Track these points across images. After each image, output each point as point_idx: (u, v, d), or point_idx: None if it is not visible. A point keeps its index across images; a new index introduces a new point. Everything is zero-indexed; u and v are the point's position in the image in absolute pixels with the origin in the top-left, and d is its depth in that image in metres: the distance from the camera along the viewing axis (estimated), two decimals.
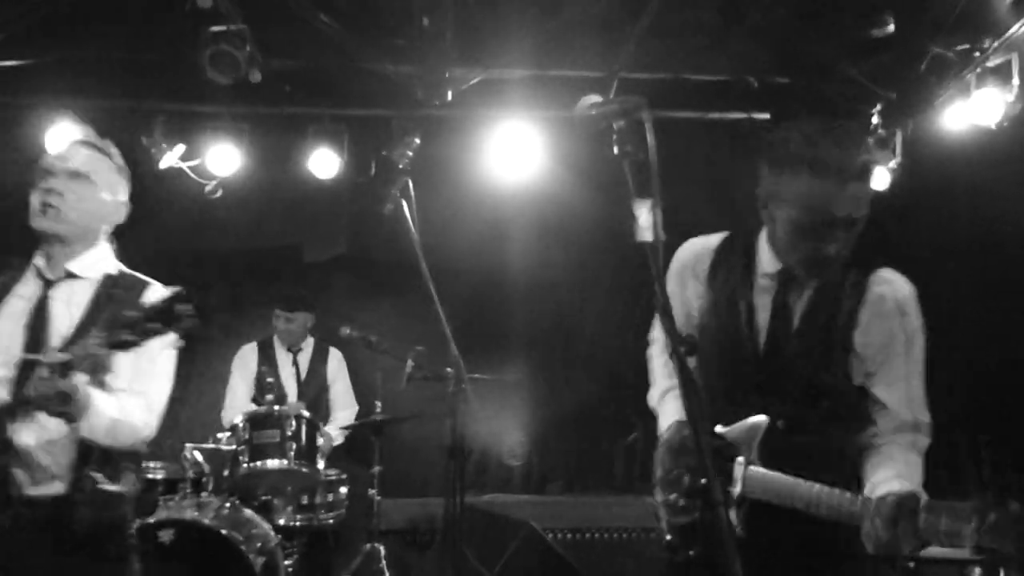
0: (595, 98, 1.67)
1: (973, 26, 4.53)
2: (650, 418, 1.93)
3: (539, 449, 5.82)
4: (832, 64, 4.98)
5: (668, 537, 1.28)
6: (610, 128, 1.60)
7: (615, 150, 1.55)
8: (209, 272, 5.58)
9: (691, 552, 1.24)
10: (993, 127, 4.54)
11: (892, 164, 5.13)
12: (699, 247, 2.13)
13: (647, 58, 5.01)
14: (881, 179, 5.18)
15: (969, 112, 4.63)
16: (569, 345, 5.65)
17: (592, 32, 4.86)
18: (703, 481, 1.24)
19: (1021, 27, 4.31)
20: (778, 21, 4.87)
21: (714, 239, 2.13)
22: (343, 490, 4.24)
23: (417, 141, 5.11)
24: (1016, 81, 4.46)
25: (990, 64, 4.53)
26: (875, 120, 5.13)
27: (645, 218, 1.44)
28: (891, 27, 4.61)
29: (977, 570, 3.40)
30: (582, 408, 5.68)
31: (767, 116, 5.50)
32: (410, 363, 3.94)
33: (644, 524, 5.21)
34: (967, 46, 4.53)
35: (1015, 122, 4.50)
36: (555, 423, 5.76)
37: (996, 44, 4.43)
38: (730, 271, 2.03)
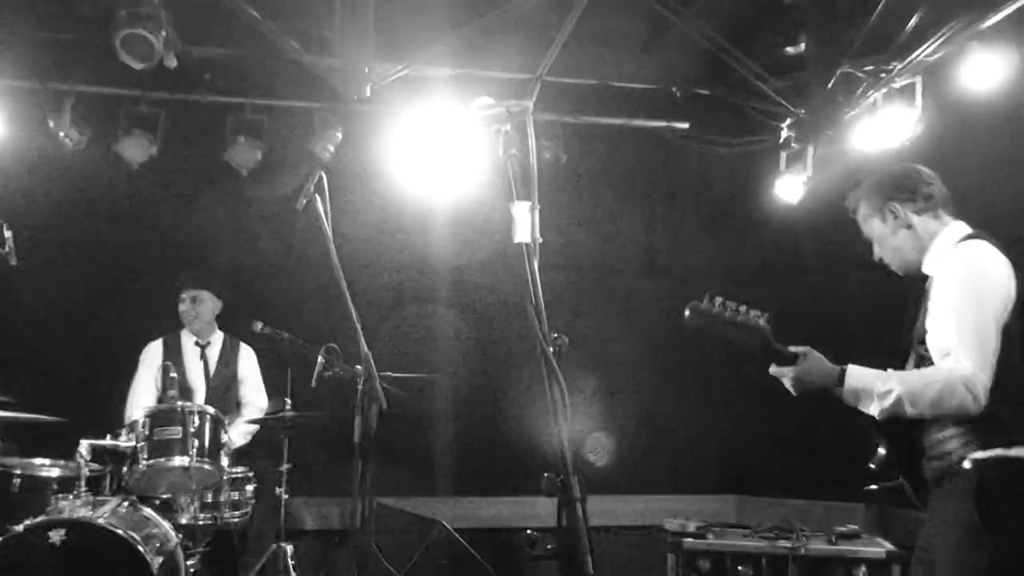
0: (487, 100, 1.69)
1: (881, 47, 4.73)
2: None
3: (455, 449, 5.82)
4: (751, 79, 5.13)
5: (528, 531, 1.31)
6: (499, 131, 1.62)
7: (500, 152, 1.57)
8: (120, 262, 5.41)
9: (548, 546, 1.27)
10: (896, 146, 4.73)
11: (803, 178, 5.30)
12: None
13: (572, 63, 5.08)
14: (794, 192, 5.35)
15: (875, 130, 4.82)
16: (488, 344, 5.66)
17: (518, 34, 4.90)
18: (561, 478, 1.26)
19: (925, 50, 4.51)
20: (702, 35, 5.00)
21: None
22: (249, 488, 4.16)
23: (339, 135, 5.08)
24: (919, 102, 4.67)
25: (896, 85, 4.73)
26: (786, 134, 5.29)
27: (523, 219, 1.46)
28: (803, 45, 4.78)
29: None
30: (499, 408, 5.70)
31: (686, 126, 5.63)
32: (321, 360, 3.89)
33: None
34: (874, 67, 4.72)
35: (918, 142, 4.70)
36: (471, 423, 5.77)
37: (901, 66, 4.63)
38: None
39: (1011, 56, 4.18)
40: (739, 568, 3.71)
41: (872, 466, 2.50)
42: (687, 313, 2.34)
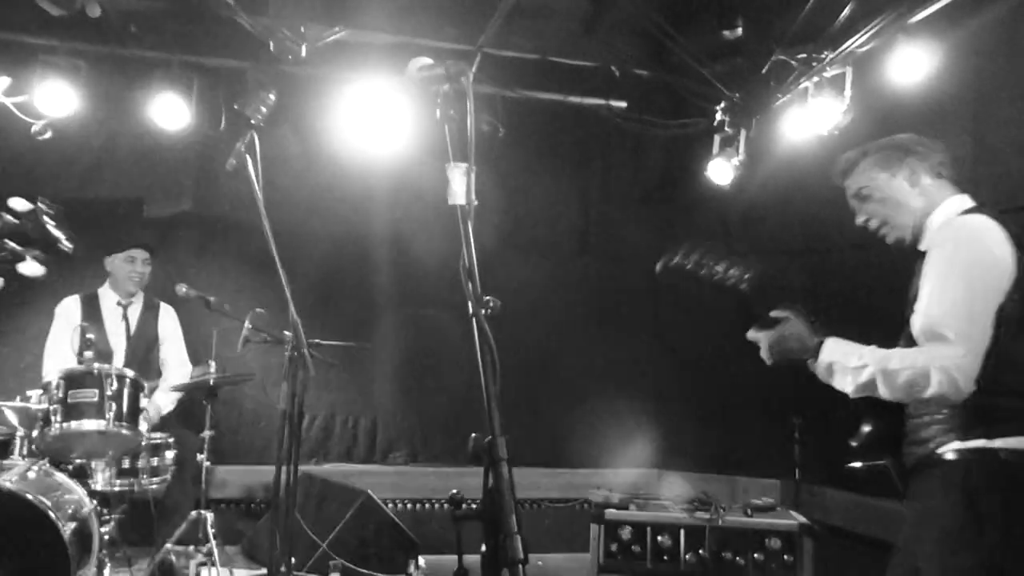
0: (425, 61, 1.66)
1: (814, 38, 4.84)
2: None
3: (383, 419, 5.80)
4: (688, 62, 5.18)
5: (454, 491, 1.31)
6: (437, 91, 1.59)
7: (438, 113, 1.55)
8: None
9: (473, 506, 1.27)
10: (825, 134, 4.86)
11: (735, 162, 5.40)
12: None
13: (512, 36, 5.04)
14: (725, 175, 5.45)
15: (805, 118, 4.94)
16: (419, 313, 5.64)
17: (459, 4, 4.84)
18: (488, 439, 1.27)
19: (856, 41, 4.63)
20: (643, 15, 5.02)
21: None
22: (169, 455, 4.05)
23: (272, 97, 4.93)
24: (848, 92, 4.80)
25: (827, 74, 4.85)
26: (720, 118, 5.38)
27: (459, 181, 1.45)
28: (740, 31, 4.85)
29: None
30: (429, 378, 5.70)
31: (624, 105, 5.67)
32: (248, 325, 3.82)
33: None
34: (806, 55, 4.82)
35: (845, 132, 4.84)
36: (401, 393, 5.75)
37: (832, 56, 4.75)
38: None
39: (935, 51, 4.33)
40: (659, 538, 3.81)
41: (854, 444, 2.36)
42: (658, 268, 2.23)
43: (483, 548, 1.23)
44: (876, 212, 2.44)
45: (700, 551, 3.77)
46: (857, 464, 2.44)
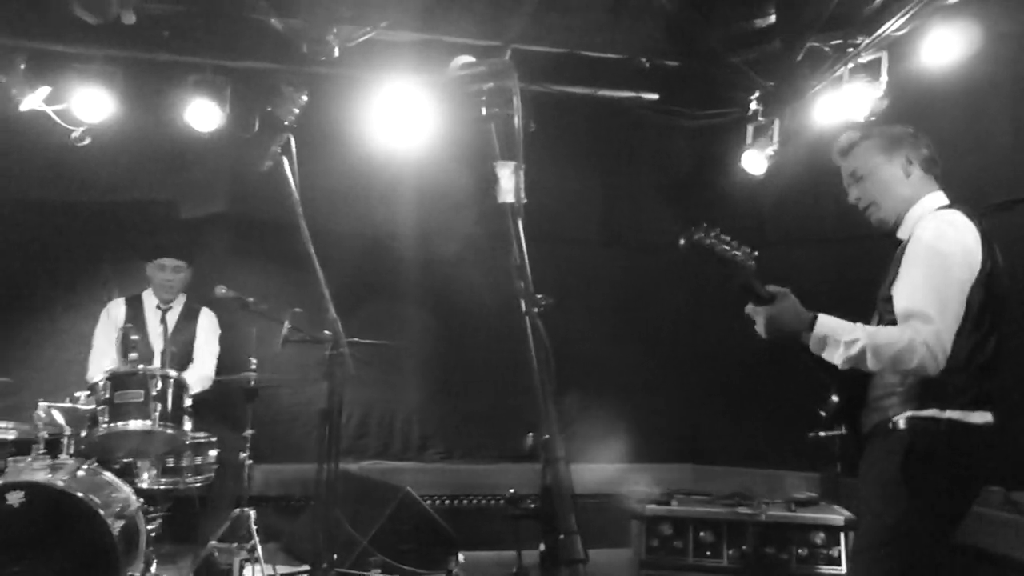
0: (467, 59, 1.66)
1: (847, 23, 4.76)
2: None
3: (419, 416, 5.82)
4: (718, 51, 5.13)
5: (511, 490, 1.31)
6: (480, 90, 1.59)
7: (483, 111, 1.55)
8: (75, 224, 5.27)
9: (531, 504, 1.27)
10: (861, 120, 4.79)
11: (769, 151, 5.35)
12: None
13: (541, 31, 5.03)
14: (759, 165, 5.40)
15: (840, 105, 4.87)
16: (453, 310, 5.65)
17: (485, 0, 4.84)
18: (546, 436, 1.27)
19: (891, 25, 4.56)
20: (671, 5, 4.98)
21: None
22: (212, 453, 4.11)
23: (304, 98, 4.98)
24: (884, 78, 4.72)
25: (862, 60, 4.78)
26: (754, 107, 5.32)
27: (507, 179, 1.45)
28: (772, 18, 4.80)
29: None
30: (463, 375, 5.71)
31: (655, 97, 5.63)
32: (287, 325, 3.85)
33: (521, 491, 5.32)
34: (841, 41, 4.76)
35: (882, 117, 4.76)
36: (436, 390, 5.77)
37: (868, 41, 4.67)
38: None
39: (971, 33, 4.25)
40: (700, 534, 3.78)
41: (823, 413, 2.58)
42: (682, 243, 2.37)
43: (541, 546, 1.23)
44: (867, 192, 2.61)
45: (743, 546, 3.74)
46: (821, 434, 2.92)
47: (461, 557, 4.58)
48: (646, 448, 5.87)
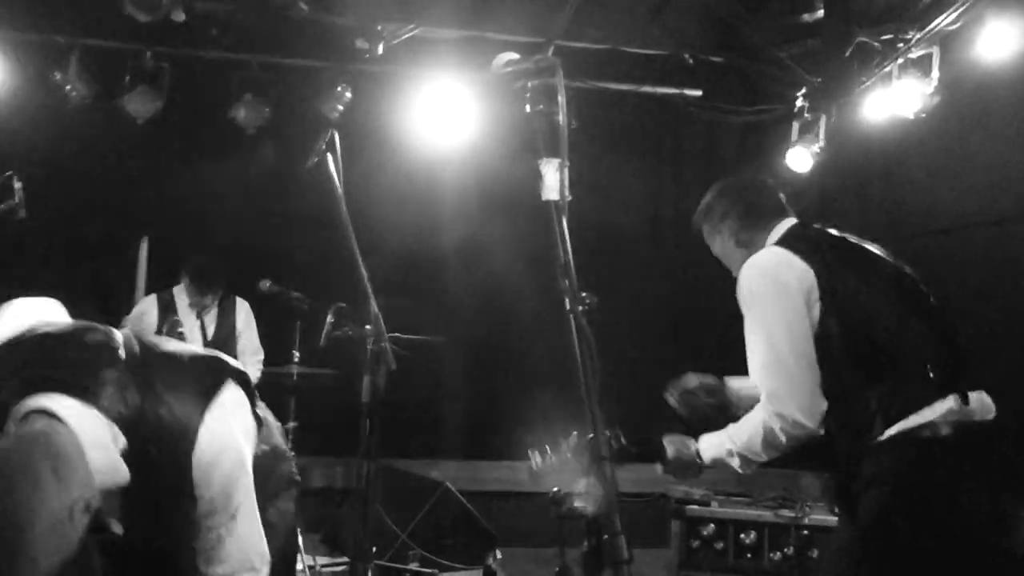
0: (511, 56, 1.65)
1: (898, 17, 4.66)
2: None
3: (460, 412, 5.85)
4: (763, 46, 5.06)
5: (555, 489, 1.31)
6: (524, 86, 1.59)
7: (527, 108, 1.55)
8: (121, 217, 5.38)
9: (576, 504, 1.27)
10: (911, 117, 4.69)
11: (815, 148, 5.26)
12: None
13: (584, 27, 5.01)
14: (804, 162, 5.32)
15: (889, 101, 4.77)
16: (498, 305, 5.66)
17: None
18: (590, 436, 1.26)
19: (944, 19, 4.45)
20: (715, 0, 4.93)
21: None
22: None
23: (348, 95, 5.03)
24: (935, 73, 4.61)
25: (912, 55, 4.67)
26: (800, 104, 5.24)
27: (552, 177, 1.44)
28: (820, 12, 4.71)
29: None
30: (503, 371, 5.72)
31: (699, 93, 5.57)
32: (330, 319, 3.89)
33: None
34: (891, 36, 4.66)
35: (932, 114, 4.66)
36: (479, 386, 5.79)
37: (919, 36, 4.57)
38: None
39: None
40: (741, 536, 3.74)
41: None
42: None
43: (585, 546, 1.23)
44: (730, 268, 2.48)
45: (785, 549, 3.69)
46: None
47: (499, 553, 4.59)
48: None
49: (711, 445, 2.24)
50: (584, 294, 1.34)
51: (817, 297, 2.08)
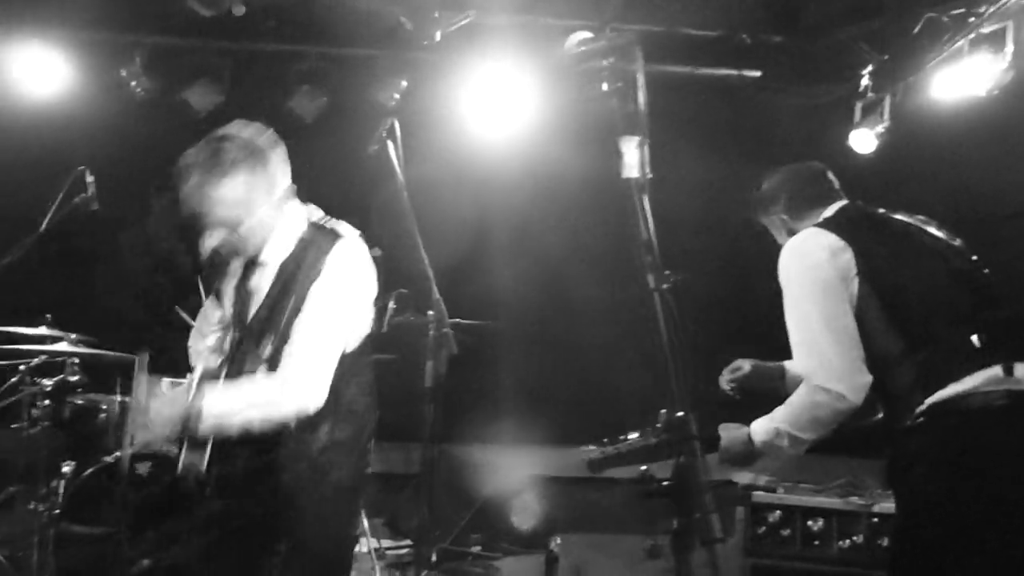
0: (585, 35, 1.64)
1: None
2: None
3: (521, 397, 5.86)
4: (826, 24, 4.94)
5: (643, 468, 1.31)
6: (599, 65, 1.58)
7: (604, 87, 1.53)
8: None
9: (664, 482, 1.26)
10: (983, 94, 4.53)
11: (880, 129, 5.13)
12: None
13: (639, 9, 4.95)
14: (868, 144, 5.19)
15: (960, 79, 4.62)
16: (559, 290, 5.65)
17: None
18: (679, 414, 1.25)
19: None
20: None
21: None
22: None
23: (404, 83, 5.06)
24: (1009, 48, 4.45)
25: (984, 30, 4.51)
26: (865, 83, 5.10)
27: (632, 155, 1.42)
28: None
29: None
30: (564, 357, 5.71)
31: (758, 74, 5.46)
32: (391, 305, 3.93)
33: (617, 474, 5.31)
34: (962, 10, 4.50)
35: (1005, 91, 4.50)
36: (536, 371, 5.79)
37: (991, 10, 4.40)
38: None
39: None
40: (808, 523, 3.67)
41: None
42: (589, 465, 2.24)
43: (674, 525, 1.22)
44: None
45: (855, 537, 3.61)
46: None
47: (558, 539, 4.60)
48: None
49: (761, 428, 2.27)
50: (667, 272, 1.33)
51: (854, 273, 2.13)
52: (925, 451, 2.06)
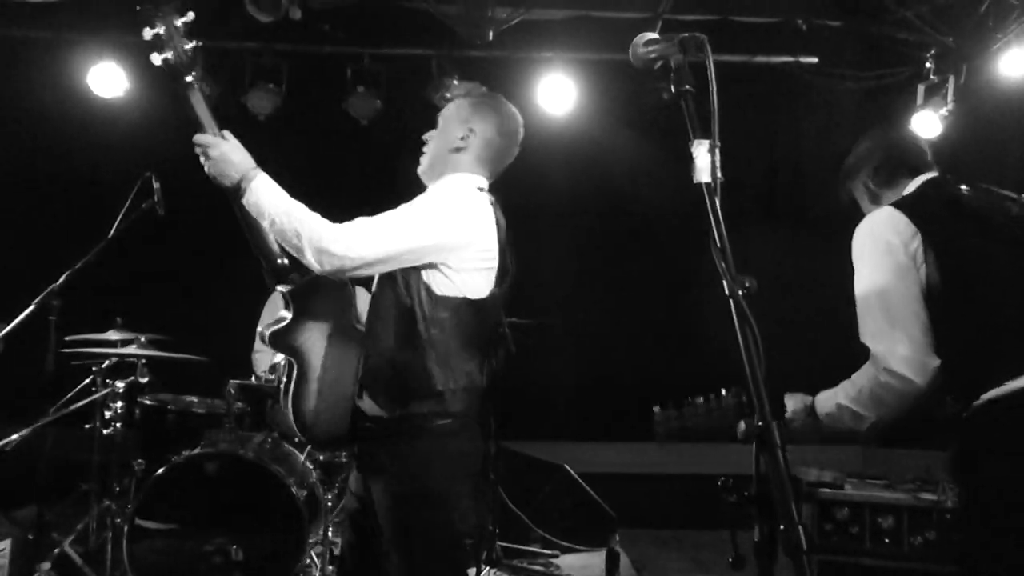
0: (651, 35, 1.62)
1: None
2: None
3: (577, 395, 5.85)
4: (888, 5, 4.81)
5: (722, 479, 1.29)
6: (667, 66, 1.56)
7: (672, 88, 1.51)
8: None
9: (746, 493, 1.25)
10: None
11: (944, 111, 4.98)
12: None
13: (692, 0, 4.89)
14: (932, 127, 5.04)
15: None
16: (606, 293, 5.63)
17: None
18: (760, 423, 1.23)
19: None
20: None
21: None
22: None
23: (456, 82, 5.07)
24: None
25: None
26: (928, 65, 4.95)
27: (703, 159, 1.41)
28: None
29: None
30: (620, 355, 5.69)
31: (815, 60, 5.34)
32: None
33: (673, 470, 5.30)
34: None
35: None
36: (594, 369, 5.78)
37: None
38: None
39: None
40: (878, 520, 3.59)
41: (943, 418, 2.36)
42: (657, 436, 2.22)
43: (756, 534, 1.21)
44: None
45: (926, 534, 3.52)
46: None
47: (617, 536, 4.59)
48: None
49: (826, 399, 2.24)
50: (744, 278, 1.31)
51: (923, 258, 2.10)
52: (995, 442, 2.02)
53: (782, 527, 1.14)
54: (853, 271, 2.23)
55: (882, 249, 2.15)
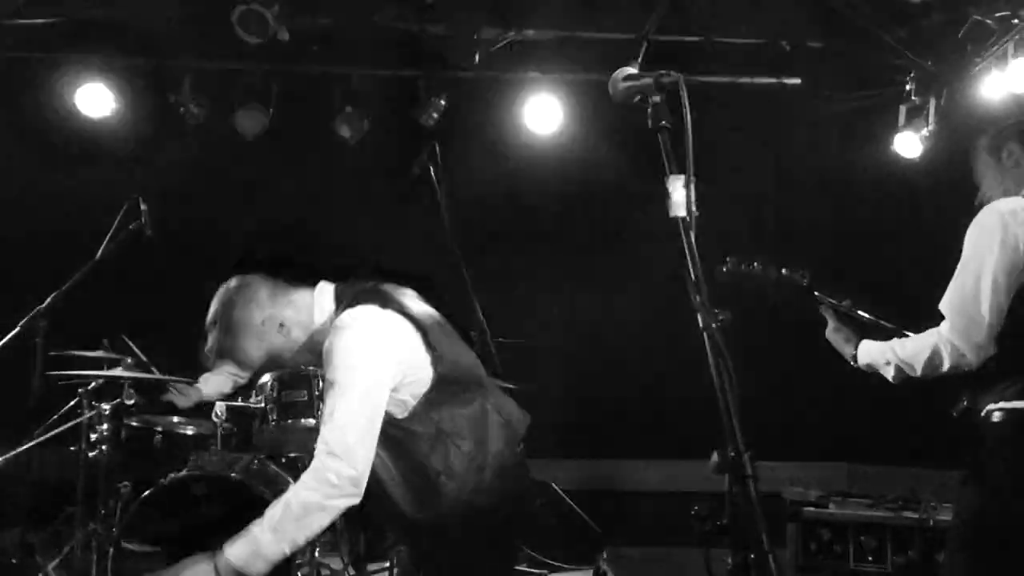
0: (630, 70, 1.66)
1: None
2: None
3: (564, 413, 5.86)
4: (869, 29, 4.89)
5: (696, 508, 1.32)
6: (645, 101, 1.59)
7: (650, 124, 1.55)
8: (239, 231, 5.61)
9: (719, 523, 1.27)
10: None
11: (924, 132, 5.05)
12: None
13: (678, 20, 4.95)
14: (913, 147, 5.11)
15: (1006, 80, 4.54)
16: (591, 312, 5.65)
17: None
18: (732, 454, 1.26)
19: None
20: None
21: None
22: None
23: (443, 103, 5.11)
24: None
25: None
26: (908, 87, 5.03)
27: (679, 193, 1.44)
28: None
29: None
30: (607, 373, 5.71)
31: (798, 81, 5.41)
32: None
33: (663, 487, 5.31)
34: (1007, 13, 4.43)
35: None
36: (581, 387, 5.80)
37: None
38: None
39: None
40: (861, 539, 3.62)
41: (954, 414, 2.51)
42: (724, 269, 2.66)
43: (729, 563, 1.24)
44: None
45: (909, 552, 3.56)
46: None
47: (605, 553, 4.60)
48: (798, 444, 5.65)
49: (871, 350, 2.47)
50: (717, 310, 1.34)
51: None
52: (1003, 450, 2.21)
53: (753, 556, 1.17)
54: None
55: (1001, 239, 2.25)
